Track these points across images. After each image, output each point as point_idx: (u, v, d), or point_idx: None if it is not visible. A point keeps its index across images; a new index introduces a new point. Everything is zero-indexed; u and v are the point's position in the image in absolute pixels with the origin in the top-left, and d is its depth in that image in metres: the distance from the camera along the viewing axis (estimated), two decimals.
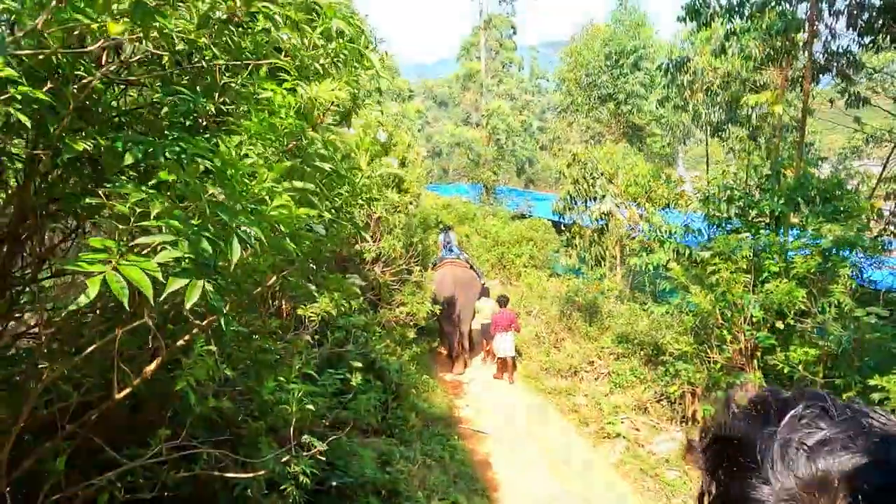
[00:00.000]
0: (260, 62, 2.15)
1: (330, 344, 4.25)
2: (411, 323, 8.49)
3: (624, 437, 8.59)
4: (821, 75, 12.80)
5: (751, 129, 14.47)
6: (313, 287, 4.36)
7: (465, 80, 33.17)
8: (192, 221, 1.61)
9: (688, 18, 11.56)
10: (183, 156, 1.75)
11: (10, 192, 2.20)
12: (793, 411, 0.67)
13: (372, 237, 7.67)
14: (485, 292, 13.56)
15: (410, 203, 8.65)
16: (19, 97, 1.57)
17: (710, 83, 13.41)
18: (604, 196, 9.67)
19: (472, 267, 13.64)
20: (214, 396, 2.18)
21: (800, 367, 6.82)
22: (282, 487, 4.13)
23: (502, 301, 12.03)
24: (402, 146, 8.42)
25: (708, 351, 8.09)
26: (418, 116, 42.02)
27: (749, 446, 0.67)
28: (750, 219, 7.88)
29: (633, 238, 13.51)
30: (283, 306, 5.22)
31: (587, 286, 13.81)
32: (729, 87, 14.36)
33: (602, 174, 10.01)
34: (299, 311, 3.62)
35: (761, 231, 7.62)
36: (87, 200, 1.87)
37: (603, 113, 21.96)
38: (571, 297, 13.55)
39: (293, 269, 3.28)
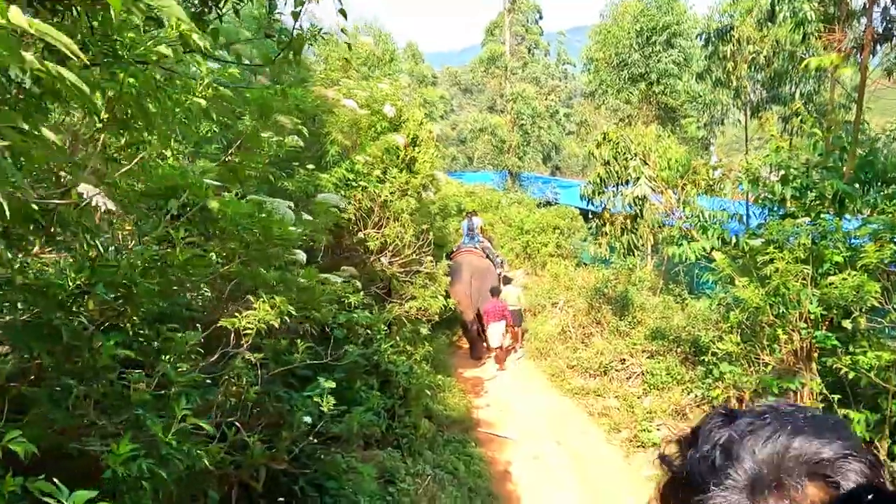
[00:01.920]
0: None
1: (302, 353, 3.44)
2: (423, 318, 7.68)
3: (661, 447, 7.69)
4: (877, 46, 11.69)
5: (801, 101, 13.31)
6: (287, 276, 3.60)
7: (489, 63, 32.10)
8: None
9: None
10: None
11: None
12: (701, 427, 0.72)
13: (377, 224, 6.87)
14: (506, 281, 13.79)
15: (423, 186, 7.81)
16: None
17: (755, 53, 12.26)
18: (638, 179, 8.71)
19: (488, 256, 13.75)
20: (34, 468, 1.40)
21: (871, 374, 5.87)
22: None
23: (495, 292, 12.04)
24: (413, 123, 7.57)
25: (758, 351, 7.15)
26: (442, 103, 41.36)
27: (686, 478, 0.69)
28: (808, 202, 6.88)
29: (671, 225, 12.51)
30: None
31: (617, 276, 12.86)
32: (774, 59, 13.21)
33: (636, 155, 9.04)
34: (223, 323, 2.80)
35: (822, 215, 6.63)
36: None
37: (633, 94, 20.75)
38: (601, 288, 12.63)
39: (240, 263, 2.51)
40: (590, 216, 21.71)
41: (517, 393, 10.56)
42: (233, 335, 2.79)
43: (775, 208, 7.17)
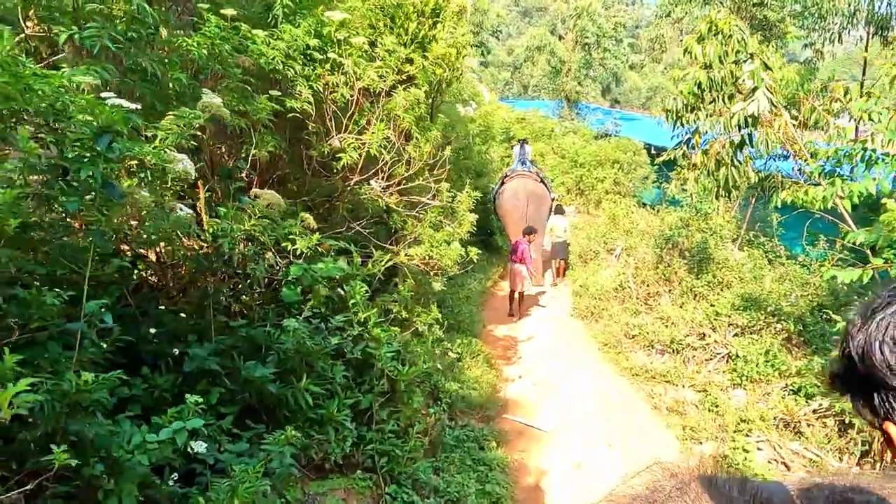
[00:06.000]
0: None
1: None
2: (434, 270, 5.41)
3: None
4: None
5: None
6: None
7: None
8: None
9: None
10: None
11: None
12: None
13: (361, 128, 4.51)
14: (558, 210, 12.91)
15: (445, 83, 5.38)
16: None
17: None
18: (755, 90, 6.05)
19: (542, 181, 13.16)
20: None
21: None
22: None
23: (527, 231, 10.77)
24: None
25: None
26: (499, 21, 38.28)
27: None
28: None
29: (768, 169, 9.77)
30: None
31: (688, 223, 10.23)
32: None
33: (751, 55, 6.33)
34: None
35: None
36: None
37: (724, 5, 17.36)
38: (672, 236, 10.09)
39: None
40: (652, 151, 18.82)
41: (558, 363, 8.31)
42: None
43: None
